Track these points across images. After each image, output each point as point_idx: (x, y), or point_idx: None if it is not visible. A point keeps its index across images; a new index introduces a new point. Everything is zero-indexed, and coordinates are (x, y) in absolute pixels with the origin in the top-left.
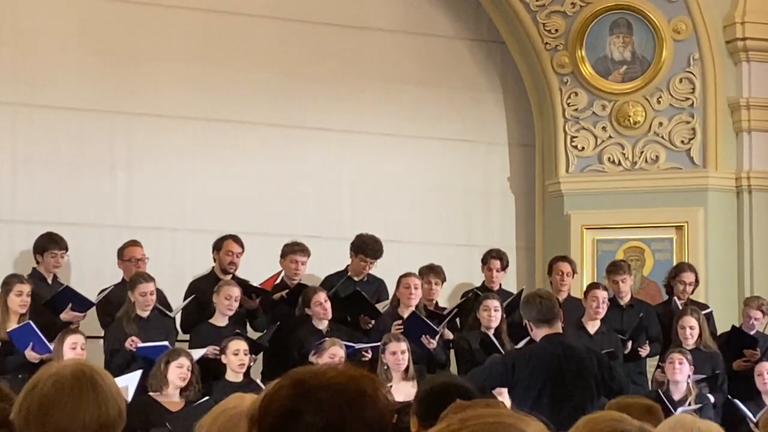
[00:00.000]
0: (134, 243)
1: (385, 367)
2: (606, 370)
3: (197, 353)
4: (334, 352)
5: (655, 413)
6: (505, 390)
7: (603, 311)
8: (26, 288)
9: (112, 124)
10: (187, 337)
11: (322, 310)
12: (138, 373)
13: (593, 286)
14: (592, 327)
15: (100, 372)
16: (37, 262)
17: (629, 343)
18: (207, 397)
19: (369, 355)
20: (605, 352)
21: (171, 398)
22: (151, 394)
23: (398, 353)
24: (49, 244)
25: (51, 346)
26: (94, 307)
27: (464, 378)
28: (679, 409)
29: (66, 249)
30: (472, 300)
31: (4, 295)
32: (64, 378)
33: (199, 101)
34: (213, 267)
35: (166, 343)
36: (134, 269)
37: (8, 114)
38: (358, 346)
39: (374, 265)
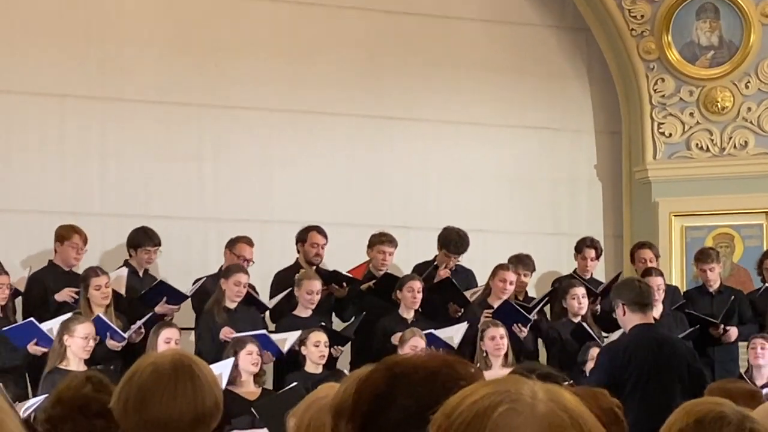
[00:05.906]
0: (246, 241)
1: (484, 353)
2: (696, 365)
3: (292, 336)
4: (416, 343)
5: (758, 398)
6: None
7: (659, 297)
8: (103, 280)
9: (199, 117)
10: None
11: (412, 297)
12: (231, 360)
13: (646, 273)
14: (656, 312)
15: (198, 362)
16: (130, 256)
17: (720, 327)
18: (295, 383)
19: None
20: (685, 334)
21: (247, 388)
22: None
23: (497, 338)
24: (143, 240)
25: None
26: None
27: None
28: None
29: (159, 245)
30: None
31: (85, 291)
32: (163, 367)
33: (286, 93)
34: (297, 258)
35: (263, 331)
36: None
37: (97, 109)
38: (444, 337)
39: (459, 260)
